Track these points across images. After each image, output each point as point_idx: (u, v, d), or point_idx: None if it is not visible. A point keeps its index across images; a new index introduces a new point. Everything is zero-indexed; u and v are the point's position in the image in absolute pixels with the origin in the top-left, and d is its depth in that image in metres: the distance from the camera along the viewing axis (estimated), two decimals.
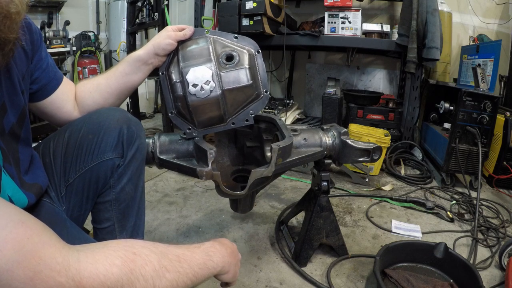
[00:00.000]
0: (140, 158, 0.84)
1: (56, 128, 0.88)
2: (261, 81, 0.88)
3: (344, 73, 3.26)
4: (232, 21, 2.39)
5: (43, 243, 0.46)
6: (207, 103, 0.84)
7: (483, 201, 1.78)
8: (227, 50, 0.86)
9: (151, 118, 3.86)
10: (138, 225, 0.88)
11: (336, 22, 2.47)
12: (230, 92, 0.84)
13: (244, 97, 0.87)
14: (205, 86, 0.81)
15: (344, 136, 1.16)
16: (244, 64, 0.84)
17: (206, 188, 1.90)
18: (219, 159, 1.21)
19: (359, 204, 1.77)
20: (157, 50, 0.89)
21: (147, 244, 0.57)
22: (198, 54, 0.85)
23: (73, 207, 0.82)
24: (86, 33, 3.82)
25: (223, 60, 0.84)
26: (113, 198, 0.82)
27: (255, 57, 0.89)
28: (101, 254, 0.50)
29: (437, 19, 2.13)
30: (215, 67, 0.83)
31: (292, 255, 1.27)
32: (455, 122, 1.90)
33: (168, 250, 0.59)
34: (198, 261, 0.62)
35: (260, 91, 0.89)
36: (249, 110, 0.90)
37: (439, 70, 2.76)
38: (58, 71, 0.85)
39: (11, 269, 0.42)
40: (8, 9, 0.52)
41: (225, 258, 0.68)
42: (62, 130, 0.83)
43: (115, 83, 0.90)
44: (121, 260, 0.51)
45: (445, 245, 1.16)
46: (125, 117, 0.82)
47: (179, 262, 0.58)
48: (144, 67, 0.91)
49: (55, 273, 0.44)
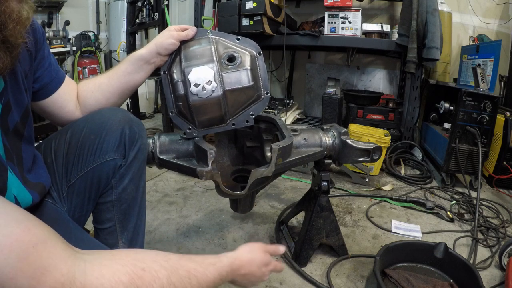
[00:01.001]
0: (141, 158, 0.85)
1: (57, 128, 0.88)
2: (262, 83, 0.89)
3: (344, 73, 3.26)
4: (232, 21, 2.39)
5: (49, 252, 0.45)
6: (208, 103, 0.84)
7: (483, 201, 1.78)
8: (229, 51, 0.86)
9: (151, 118, 3.86)
10: (139, 225, 0.88)
11: (336, 22, 2.47)
12: (231, 93, 0.84)
13: (245, 98, 0.88)
14: (207, 86, 0.81)
15: (344, 136, 1.16)
16: (246, 66, 0.85)
17: (206, 188, 1.90)
18: (219, 159, 1.21)
19: (359, 204, 1.77)
20: (160, 49, 0.89)
21: (158, 257, 0.56)
22: (200, 55, 0.86)
23: (75, 208, 0.82)
24: (86, 33, 3.82)
25: (225, 61, 0.85)
26: (114, 199, 0.82)
27: (257, 58, 0.90)
28: (108, 269, 0.49)
29: (437, 19, 2.13)
30: (217, 68, 0.83)
31: (292, 255, 1.27)
32: (455, 122, 1.90)
33: (180, 264, 0.57)
34: (208, 279, 0.60)
35: (261, 93, 0.90)
36: (250, 111, 0.91)
37: (439, 70, 2.76)
38: (60, 70, 0.85)
39: (15, 277, 0.41)
40: (20, 15, 0.53)
41: (237, 278, 0.67)
42: (64, 130, 0.83)
43: (117, 82, 0.90)
44: (128, 277, 0.49)
45: (445, 245, 1.16)
46: (127, 118, 0.82)
47: (189, 278, 0.56)
48: (146, 66, 0.91)
49: (59, 285, 0.44)
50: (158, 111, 4.06)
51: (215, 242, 1.38)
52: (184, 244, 1.36)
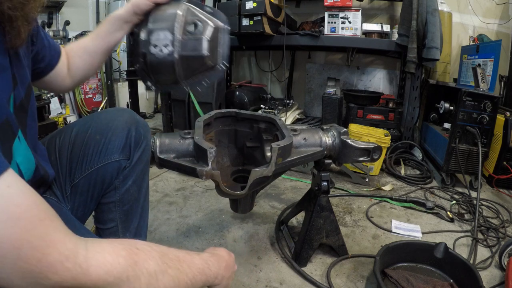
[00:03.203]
0: (145, 159, 0.85)
1: (57, 127, 0.88)
2: (220, 55, 0.92)
3: (344, 73, 3.26)
4: (232, 21, 2.38)
5: (55, 227, 0.46)
6: (163, 64, 0.88)
7: (483, 201, 1.78)
8: (195, 19, 0.90)
9: (151, 118, 3.86)
10: (141, 226, 0.89)
11: (336, 22, 2.47)
12: (185, 59, 0.88)
13: (198, 66, 0.91)
14: (163, 48, 0.85)
15: (344, 136, 1.16)
16: (205, 35, 0.88)
17: (206, 188, 1.90)
18: (219, 160, 1.21)
19: (359, 204, 1.77)
20: (135, 9, 0.93)
21: (148, 243, 0.58)
22: (166, 18, 0.89)
23: (78, 207, 0.82)
24: (86, 33, 3.82)
25: (187, 27, 0.88)
26: (117, 200, 0.83)
27: (220, 31, 0.93)
28: (108, 244, 0.51)
29: (437, 19, 2.13)
30: (178, 33, 0.87)
31: (292, 255, 1.27)
32: (455, 122, 1.90)
33: (168, 250, 0.60)
34: (197, 266, 0.63)
35: (216, 63, 0.93)
36: (203, 78, 0.94)
37: (439, 70, 2.76)
38: (56, 44, 0.87)
39: (20, 247, 0.41)
40: None
41: (220, 270, 0.69)
42: (68, 128, 0.84)
43: (101, 42, 0.94)
44: (127, 252, 0.51)
45: (445, 245, 1.16)
46: (133, 119, 0.83)
47: (179, 262, 0.59)
48: (125, 25, 0.95)
49: (63, 258, 0.44)
50: (158, 111, 4.06)
51: (215, 242, 1.38)
52: (184, 244, 1.36)
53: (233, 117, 1.24)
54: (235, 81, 3.55)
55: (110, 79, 3.25)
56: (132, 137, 0.80)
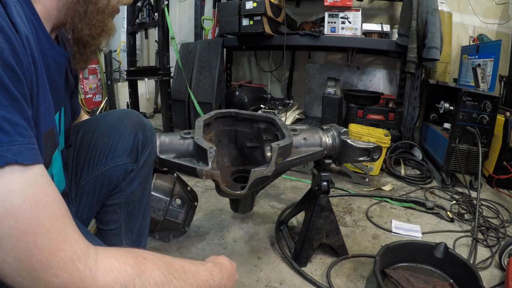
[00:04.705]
0: (150, 162, 0.86)
1: None
2: (187, 222, 1.30)
3: (344, 73, 3.26)
4: (232, 21, 2.39)
5: (72, 226, 0.46)
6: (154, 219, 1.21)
7: (483, 201, 1.78)
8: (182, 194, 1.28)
9: (151, 118, 3.87)
10: (143, 227, 0.89)
11: (336, 22, 2.47)
12: (168, 221, 1.24)
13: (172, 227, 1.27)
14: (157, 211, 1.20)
15: (344, 136, 1.16)
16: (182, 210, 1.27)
17: (206, 188, 1.90)
18: (219, 160, 1.21)
19: (359, 204, 1.77)
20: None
21: (153, 253, 0.58)
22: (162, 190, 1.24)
23: (83, 209, 0.82)
24: None
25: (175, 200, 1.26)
26: (122, 201, 0.83)
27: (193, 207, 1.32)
28: (116, 252, 0.51)
29: (437, 19, 2.13)
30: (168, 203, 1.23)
31: (292, 255, 1.27)
32: (455, 122, 1.90)
33: (174, 260, 0.59)
34: (202, 277, 0.62)
35: (183, 228, 1.29)
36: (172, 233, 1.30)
37: (439, 70, 2.75)
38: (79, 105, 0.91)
39: (37, 233, 0.41)
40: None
41: (223, 280, 0.68)
42: (74, 129, 0.83)
43: None
44: (134, 261, 0.51)
45: (445, 245, 1.16)
46: (141, 122, 0.83)
47: (184, 272, 0.58)
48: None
49: (75, 257, 0.44)
50: (158, 111, 4.06)
51: (215, 242, 1.38)
52: (184, 244, 1.36)
53: (233, 117, 1.24)
54: (235, 81, 3.55)
55: (110, 79, 3.25)
56: (139, 140, 0.80)
